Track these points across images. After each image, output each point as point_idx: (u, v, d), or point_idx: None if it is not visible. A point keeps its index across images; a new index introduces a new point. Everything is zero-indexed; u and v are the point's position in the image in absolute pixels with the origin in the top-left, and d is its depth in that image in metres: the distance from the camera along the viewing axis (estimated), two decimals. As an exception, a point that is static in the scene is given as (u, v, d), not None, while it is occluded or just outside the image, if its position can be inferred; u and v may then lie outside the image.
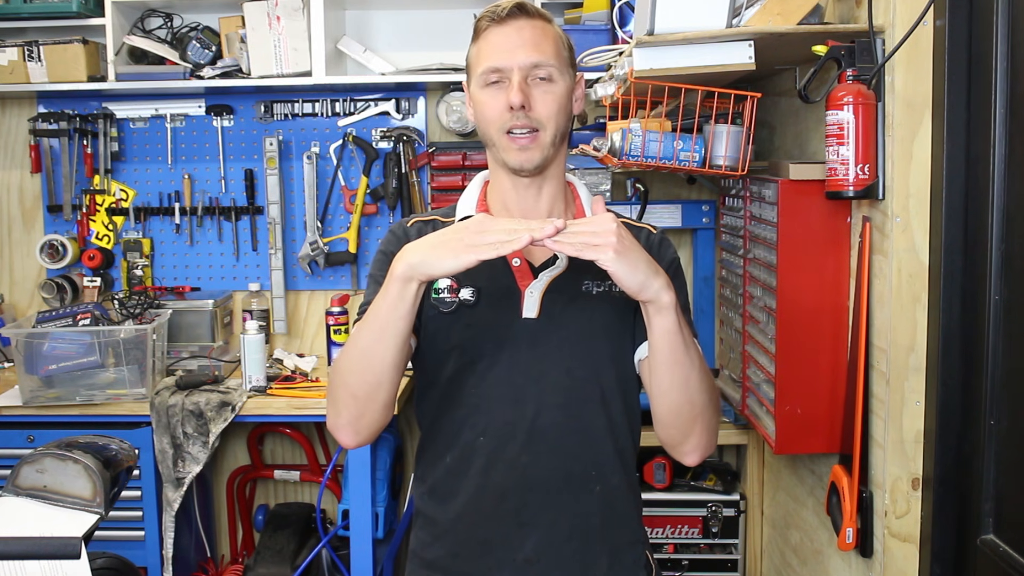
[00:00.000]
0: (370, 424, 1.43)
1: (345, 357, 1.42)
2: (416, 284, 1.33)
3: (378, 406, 1.41)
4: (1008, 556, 1.50)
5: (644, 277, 1.31)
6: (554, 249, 1.32)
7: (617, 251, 1.28)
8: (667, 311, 1.34)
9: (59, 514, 1.33)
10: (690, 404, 1.42)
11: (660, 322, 1.36)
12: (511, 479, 1.47)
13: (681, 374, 1.40)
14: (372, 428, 1.44)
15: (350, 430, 1.44)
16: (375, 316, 1.37)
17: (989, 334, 1.56)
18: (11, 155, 3.18)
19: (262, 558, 2.81)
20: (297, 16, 2.81)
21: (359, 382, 1.39)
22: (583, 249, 1.29)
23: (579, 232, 1.31)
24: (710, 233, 2.85)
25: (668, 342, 1.37)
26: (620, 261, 1.29)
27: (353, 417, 1.42)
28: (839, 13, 1.92)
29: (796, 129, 2.25)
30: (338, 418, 1.44)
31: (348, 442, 1.45)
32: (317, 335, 3.16)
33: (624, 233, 1.31)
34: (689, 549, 2.74)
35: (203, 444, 2.60)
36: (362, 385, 1.39)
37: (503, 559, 1.49)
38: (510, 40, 1.44)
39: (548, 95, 1.45)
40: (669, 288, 1.34)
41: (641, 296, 1.34)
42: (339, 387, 1.43)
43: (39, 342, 2.58)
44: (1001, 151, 1.53)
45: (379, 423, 1.43)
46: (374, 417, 1.42)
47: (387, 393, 1.40)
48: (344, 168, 3.09)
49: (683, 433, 1.45)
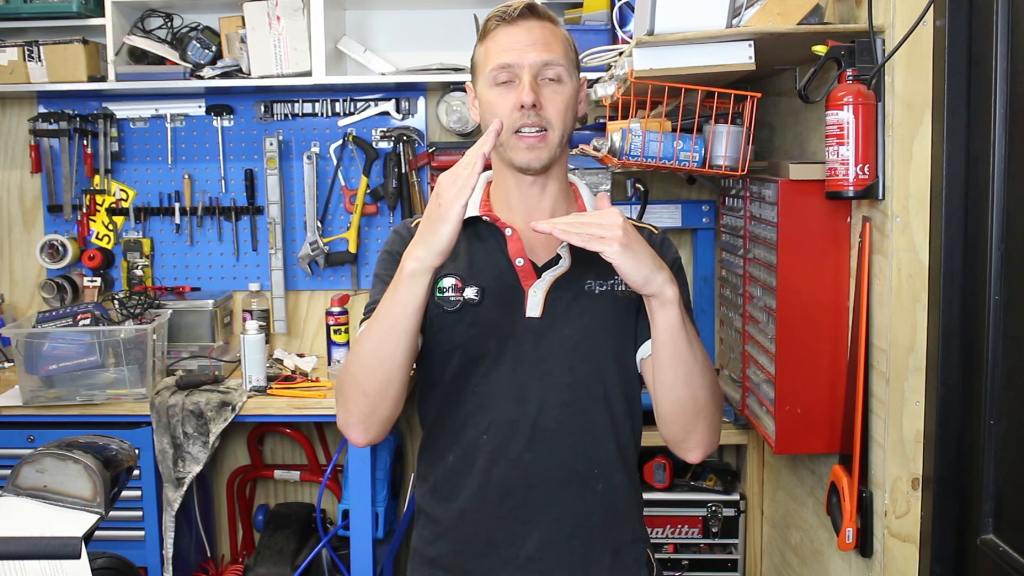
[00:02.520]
0: (380, 421, 1.44)
1: (355, 356, 1.43)
2: (426, 277, 1.34)
3: (389, 403, 1.42)
4: (1008, 556, 1.50)
5: (648, 271, 1.33)
6: (561, 237, 1.33)
7: (623, 244, 1.30)
8: (671, 305, 1.36)
9: (59, 514, 1.33)
10: (693, 400, 1.43)
11: (664, 316, 1.37)
12: (514, 477, 1.48)
13: (684, 369, 1.40)
14: (382, 425, 1.45)
15: (361, 428, 1.45)
16: (385, 314, 1.38)
17: (989, 334, 1.56)
18: (11, 155, 3.18)
19: (262, 558, 2.81)
20: (297, 16, 2.81)
21: (370, 380, 1.40)
22: (589, 240, 1.31)
23: (586, 223, 1.32)
24: (710, 233, 2.85)
25: (671, 336, 1.38)
26: (625, 254, 1.30)
27: (364, 415, 1.43)
28: (839, 13, 1.92)
29: (796, 129, 2.25)
30: (349, 416, 1.45)
31: (359, 440, 1.46)
32: (317, 335, 3.16)
33: (629, 228, 1.33)
34: (689, 549, 2.74)
35: (203, 444, 2.60)
36: (373, 383, 1.40)
37: (505, 557, 1.49)
38: (520, 40, 1.45)
39: (557, 95, 1.46)
40: (672, 283, 1.36)
41: (645, 290, 1.35)
42: (349, 386, 1.43)
43: (39, 342, 2.58)
44: (1001, 151, 1.53)
45: (389, 419, 1.45)
46: (384, 414, 1.43)
47: (397, 390, 1.41)
48: (344, 168, 3.09)
49: (686, 430, 1.46)
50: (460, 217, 1.30)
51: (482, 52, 1.50)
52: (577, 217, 1.35)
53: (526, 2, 1.47)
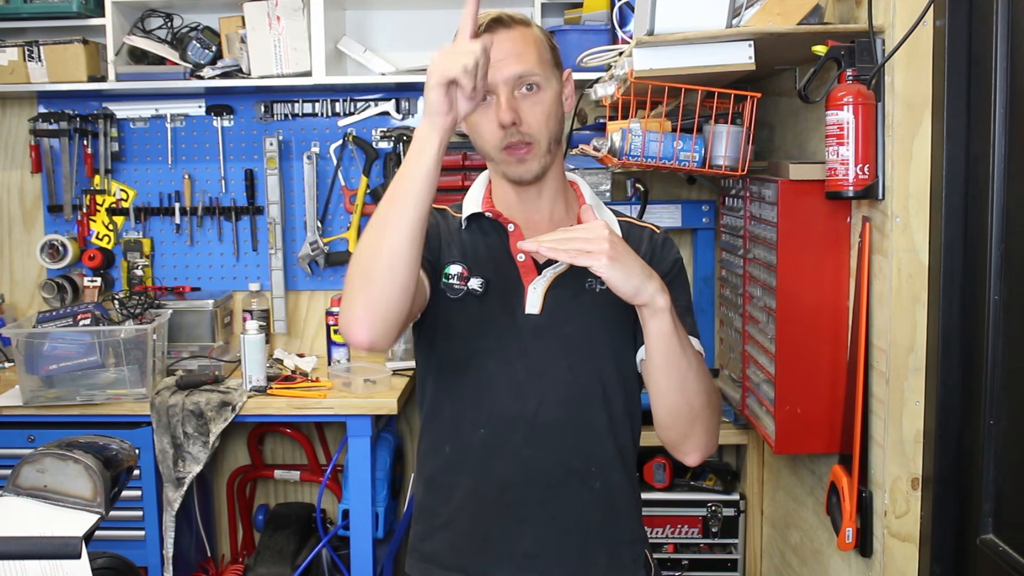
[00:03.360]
0: (385, 315, 1.32)
1: (363, 238, 1.33)
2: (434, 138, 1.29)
3: (396, 292, 1.31)
4: (1008, 556, 1.50)
5: (638, 282, 1.33)
6: (548, 255, 1.33)
7: (611, 257, 1.30)
8: (662, 314, 1.36)
9: (59, 514, 1.33)
10: (688, 406, 1.43)
11: (655, 325, 1.37)
12: (512, 472, 1.48)
13: (678, 376, 1.41)
14: (387, 322, 1.32)
15: (364, 322, 1.32)
16: (394, 185, 1.31)
17: (989, 334, 1.56)
18: (11, 155, 3.18)
19: (262, 558, 2.81)
20: (297, 16, 2.81)
21: (375, 258, 1.30)
22: (577, 256, 1.31)
23: (572, 239, 1.32)
24: (710, 233, 2.85)
25: (664, 344, 1.38)
26: (614, 267, 1.31)
27: (367, 304, 1.31)
28: (839, 13, 1.92)
29: (796, 129, 2.25)
30: (352, 309, 1.33)
31: (362, 337, 1.33)
32: (317, 335, 3.16)
33: (616, 239, 1.33)
34: (689, 549, 2.74)
35: (203, 444, 2.60)
36: (378, 261, 1.30)
37: (502, 553, 1.49)
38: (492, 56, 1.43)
39: (536, 106, 1.46)
40: (663, 292, 1.35)
41: (636, 300, 1.35)
42: (354, 274, 1.33)
43: (39, 342, 2.58)
44: (1001, 151, 1.53)
45: (395, 317, 1.33)
46: (390, 306, 1.31)
47: (404, 276, 1.30)
48: (344, 168, 3.09)
49: (682, 434, 1.47)
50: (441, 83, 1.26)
51: None
52: (563, 233, 1.34)
53: (491, 16, 1.46)
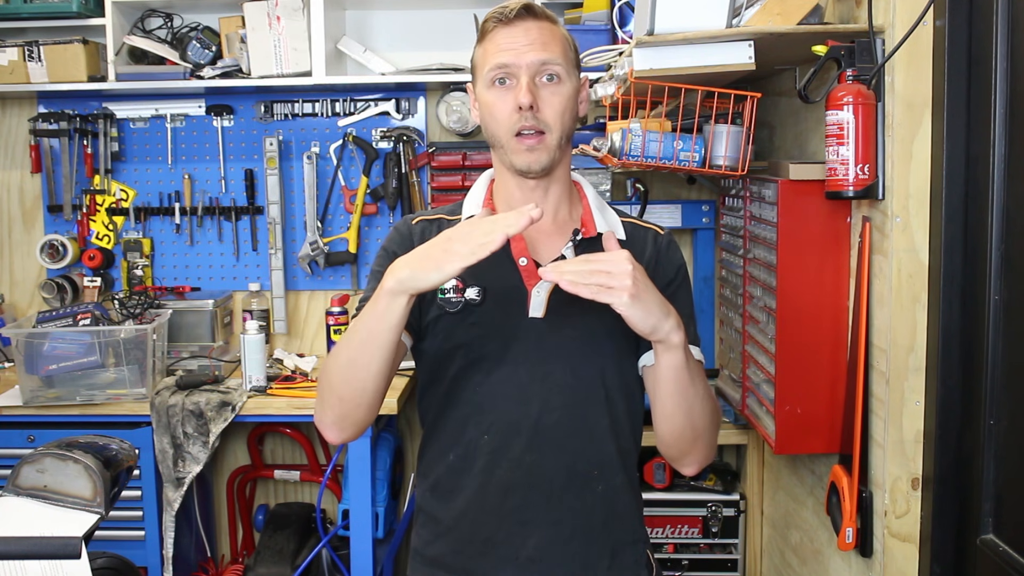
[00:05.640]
0: (355, 423, 1.45)
1: (333, 360, 1.43)
2: (405, 298, 1.32)
3: (363, 409, 1.43)
4: (1008, 556, 1.50)
5: (656, 320, 1.32)
6: (569, 290, 1.29)
7: (632, 295, 1.28)
8: (676, 350, 1.36)
9: (59, 514, 1.33)
10: (692, 428, 1.45)
11: (668, 359, 1.37)
12: (514, 477, 1.48)
13: (686, 404, 1.42)
14: (357, 427, 1.46)
15: (335, 428, 1.46)
16: (363, 325, 1.37)
17: (989, 334, 1.56)
18: (11, 155, 3.18)
19: (262, 558, 2.81)
20: (297, 16, 2.81)
21: (345, 386, 1.41)
22: (598, 292, 1.28)
23: (594, 272, 1.29)
24: (710, 233, 2.85)
25: (674, 377, 1.39)
26: (634, 306, 1.28)
27: (338, 417, 1.44)
28: (839, 13, 1.92)
29: (796, 129, 2.25)
30: (324, 415, 1.46)
31: (333, 439, 1.48)
32: (317, 335, 3.16)
33: (639, 275, 1.30)
34: (689, 549, 2.74)
35: (203, 444, 2.60)
36: (348, 390, 1.41)
37: (505, 557, 1.49)
38: (517, 40, 1.44)
39: (556, 96, 1.45)
40: (679, 328, 1.35)
41: (652, 337, 1.34)
42: (326, 388, 1.45)
43: (39, 342, 2.58)
44: (1001, 151, 1.53)
45: (364, 422, 1.46)
46: (359, 417, 1.44)
47: (372, 397, 1.42)
48: (344, 168, 3.09)
49: (683, 452, 1.49)
50: (453, 274, 1.28)
51: (480, 53, 1.50)
52: (585, 264, 1.30)
53: (523, 2, 1.47)
